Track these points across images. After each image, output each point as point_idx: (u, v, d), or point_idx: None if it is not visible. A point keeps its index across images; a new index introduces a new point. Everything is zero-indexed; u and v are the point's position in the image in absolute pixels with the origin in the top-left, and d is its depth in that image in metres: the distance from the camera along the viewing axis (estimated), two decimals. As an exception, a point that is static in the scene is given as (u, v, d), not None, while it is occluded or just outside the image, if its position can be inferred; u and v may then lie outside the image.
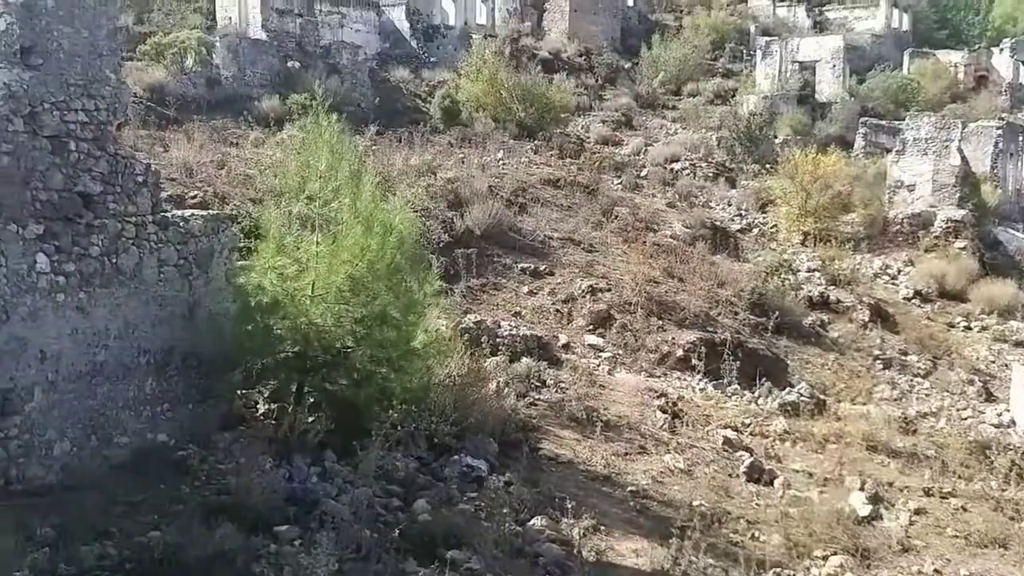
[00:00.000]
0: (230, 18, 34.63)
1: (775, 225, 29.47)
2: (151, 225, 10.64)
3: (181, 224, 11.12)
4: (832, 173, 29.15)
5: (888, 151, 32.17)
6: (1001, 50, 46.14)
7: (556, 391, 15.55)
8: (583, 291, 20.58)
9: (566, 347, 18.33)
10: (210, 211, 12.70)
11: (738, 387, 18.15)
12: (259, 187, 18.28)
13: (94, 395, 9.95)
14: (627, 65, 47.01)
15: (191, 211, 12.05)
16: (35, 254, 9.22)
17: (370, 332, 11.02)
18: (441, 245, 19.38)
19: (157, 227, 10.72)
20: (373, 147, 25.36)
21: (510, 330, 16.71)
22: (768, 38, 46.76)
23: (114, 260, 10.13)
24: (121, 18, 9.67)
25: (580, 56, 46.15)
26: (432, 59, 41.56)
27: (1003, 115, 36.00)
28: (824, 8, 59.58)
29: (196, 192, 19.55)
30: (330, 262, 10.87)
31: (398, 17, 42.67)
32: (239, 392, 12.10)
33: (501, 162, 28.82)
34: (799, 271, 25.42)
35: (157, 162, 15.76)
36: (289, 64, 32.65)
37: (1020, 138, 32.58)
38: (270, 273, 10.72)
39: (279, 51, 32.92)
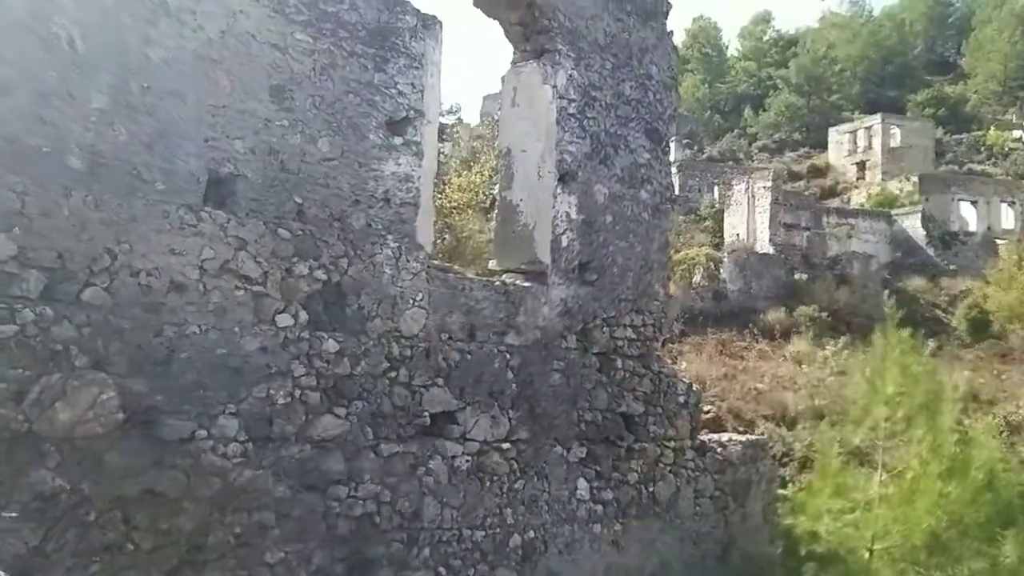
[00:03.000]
0: (737, 234, 35.15)
1: None
2: (689, 451, 9.60)
3: (719, 450, 9.96)
4: None
5: None
6: None
7: None
8: None
9: None
10: (747, 436, 11.42)
11: None
12: (791, 408, 16.80)
13: (622, 644, 8.79)
14: None
15: (727, 435, 10.87)
16: (576, 479, 8.55)
17: (955, 606, 8.52)
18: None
19: (695, 453, 9.66)
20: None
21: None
22: None
23: (651, 489, 9.15)
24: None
25: None
26: (951, 267, 37.93)
27: None
28: None
29: (709, 407, 18.76)
30: (898, 510, 8.76)
31: (911, 225, 40.07)
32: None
33: (1055, 382, 24.18)
34: None
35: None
36: (796, 276, 31.73)
37: None
38: (825, 517, 8.91)
39: (785, 263, 32.29)
